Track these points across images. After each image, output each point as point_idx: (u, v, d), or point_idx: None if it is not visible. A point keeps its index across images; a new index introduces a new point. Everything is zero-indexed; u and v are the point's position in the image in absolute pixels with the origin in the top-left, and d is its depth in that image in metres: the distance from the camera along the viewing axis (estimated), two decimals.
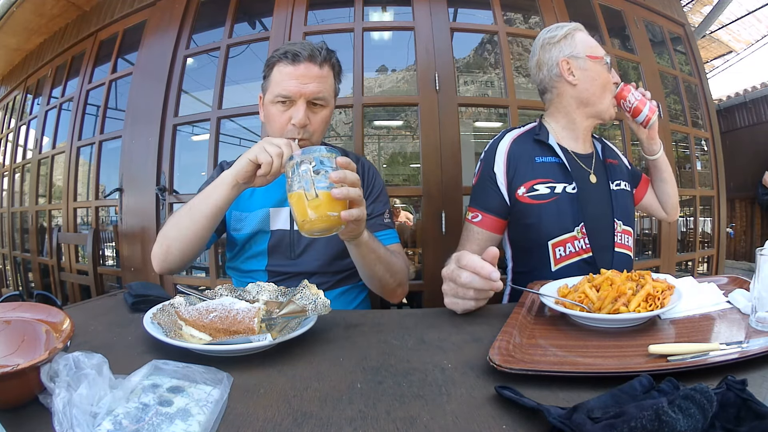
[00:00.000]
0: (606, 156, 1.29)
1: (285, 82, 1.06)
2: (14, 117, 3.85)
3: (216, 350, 0.62)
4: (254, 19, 2.63)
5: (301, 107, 1.05)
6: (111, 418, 0.42)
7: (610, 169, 1.26)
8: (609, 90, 1.22)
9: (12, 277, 3.75)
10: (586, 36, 1.25)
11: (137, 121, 2.48)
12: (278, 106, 1.08)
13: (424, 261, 2.15)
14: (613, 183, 1.25)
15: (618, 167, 1.30)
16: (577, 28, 1.25)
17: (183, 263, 1.04)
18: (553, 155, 1.20)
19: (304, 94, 1.05)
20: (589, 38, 1.25)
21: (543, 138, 1.21)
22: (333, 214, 0.77)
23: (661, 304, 0.71)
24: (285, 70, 1.07)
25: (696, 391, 0.41)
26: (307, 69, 1.06)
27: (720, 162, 2.83)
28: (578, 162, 1.22)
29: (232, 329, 0.65)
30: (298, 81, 1.05)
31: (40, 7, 3.03)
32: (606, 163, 1.27)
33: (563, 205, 1.16)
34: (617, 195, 1.23)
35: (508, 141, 1.23)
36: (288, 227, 1.15)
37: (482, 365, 0.59)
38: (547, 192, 1.17)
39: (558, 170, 1.19)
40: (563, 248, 1.15)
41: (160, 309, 0.74)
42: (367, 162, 1.29)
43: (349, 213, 0.78)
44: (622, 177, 1.29)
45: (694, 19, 4.19)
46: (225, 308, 0.68)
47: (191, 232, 0.98)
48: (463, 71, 3.03)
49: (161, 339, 0.64)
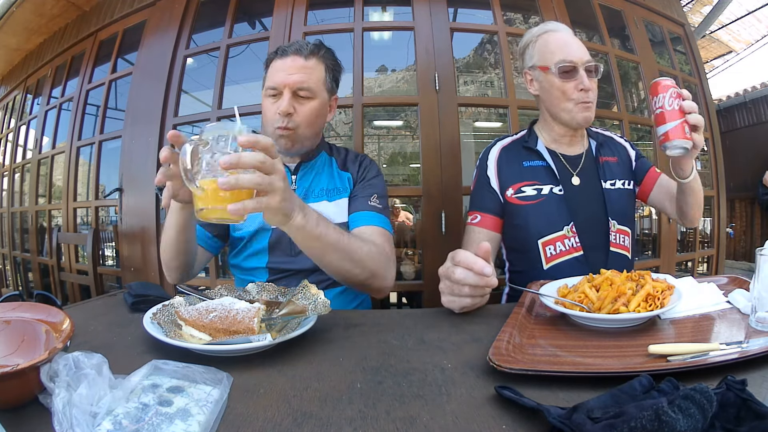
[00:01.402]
0: (601, 154, 1.27)
1: (273, 75, 1.12)
2: (14, 117, 3.84)
3: (216, 350, 0.62)
4: (254, 19, 2.63)
5: (285, 96, 1.10)
6: (111, 418, 0.42)
7: (604, 168, 1.25)
8: (568, 98, 1.17)
9: (12, 277, 3.74)
10: (550, 39, 1.21)
11: (137, 121, 2.48)
12: (269, 99, 1.13)
13: (424, 261, 2.14)
14: (606, 182, 1.23)
15: (616, 165, 1.28)
16: (544, 31, 1.22)
17: (188, 273, 1.07)
18: (541, 159, 1.24)
19: (288, 84, 1.10)
20: (551, 42, 1.20)
21: (531, 145, 1.26)
22: (219, 207, 0.66)
23: (661, 304, 0.71)
24: (275, 65, 1.13)
25: (696, 391, 0.41)
26: (293, 61, 1.12)
27: (720, 162, 2.84)
28: (564, 164, 1.24)
29: (232, 329, 0.65)
30: (285, 72, 1.11)
31: (40, 7, 3.02)
32: (599, 162, 1.25)
33: (550, 205, 1.19)
34: (611, 194, 1.22)
35: (498, 148, 1.29)
36: None
37: (482, 365, 0.59)
38: (534, 193, 1.20)
39: (544, 173, 1.22)
40: (553, 246, 1.17)
41: (160, 309, 0.74)
42: (367, 158, 1.31)
43: (239, 207, 0.65)
44: (621, 175, 1.27)
45: (694, 19, 4.19)
46: (225, 308, 0.67)
47: (176, 250, 0.98)
48: (463, 71, 3.03)
49: (161, 339, 0.64)
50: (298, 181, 1.20)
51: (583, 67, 1.16)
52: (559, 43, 1.19)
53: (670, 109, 0.91)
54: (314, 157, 1.23)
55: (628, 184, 1.28)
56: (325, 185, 1.21)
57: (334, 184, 1.22)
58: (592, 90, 1.17)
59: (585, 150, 1.27)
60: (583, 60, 1.16)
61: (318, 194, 1.20)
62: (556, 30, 1.22)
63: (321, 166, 1.24)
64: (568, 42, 1.19)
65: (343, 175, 1.24)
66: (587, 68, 1.17)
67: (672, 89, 0.92)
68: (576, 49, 1.18)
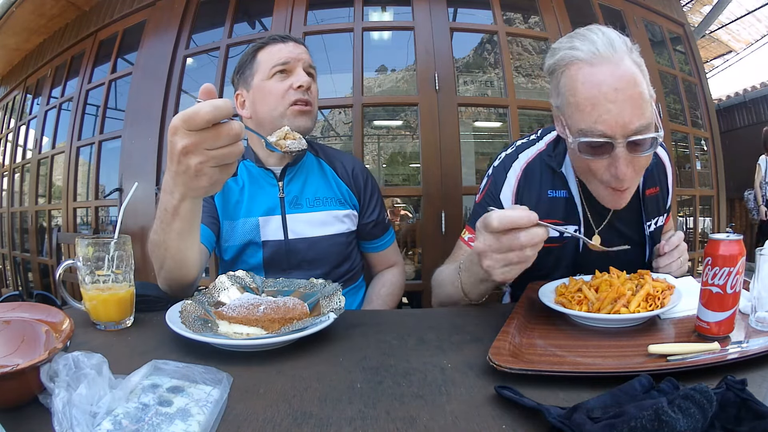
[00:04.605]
0: (647, 186, 0.96)
1: (278, 54, 1.09)
2: (14, 117, 3.84)
3: (286, 340, 0.64)
4: (254, 19, 2.63)
5: (300, 70, 1.08)
6: (111, 418, 0.42)
7: (647, 206, 0.96)
8: (595, 177, 0.83)
9: (12, 277, 3.74)
10: (579, 80, 0.77)
11: (137, 121, 2.48)
12: (276, 78, 1.08)
13: (424, 261, 2.15)
14: (650, 224, 0.96)
15: (657, 198, 0.99)
16: (572, 60, 0.78)
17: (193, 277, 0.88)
18: (565, 189, 0.95)
19: (301, 59, 1.09)
20: (579, 89, 0.77)
21: (555, 165, 0.95)
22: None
23: (661, 304, 0.71)
24: (275, 48, 1.10)
25: (696, 391, 0.41)
26: (294, 47, 1.11)
27: (720, 162, 2.84)
28: (587, 208, 0.95)
29: (288, 317, 0.68)
30: (293, 52, 1.09)
31: (39, 7, 3.02)
32: (645, 196, 0.95)
33: (568, 251, 0.95)
34: (651, 239, 0.96)
35: (521, 164, 0.98)
36: (282, 237, 1.12)
37: (482, 365, 0.59)
38: (556, 235, 0.88)
39: (569, 209, 0.95)
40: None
41: (184, 311, 0.70)
42: (361, 165, 1.27)
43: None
44: (659, 209, 0.99)
45: (693, 19, 4.19)
46: (270, 300, 0.71)
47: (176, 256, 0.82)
48: (462, 71, 3.03)
49: (217, 342, 0.63)
50: (285, 187, 1.13)
51: (624, 141, 0.75)
52: (590, 93, 0.75)
53: (732, 292, 0.62)
54: (301, 158, 1.15)
55: (662, 220, 1.00)
56: (321, 193, 1.16)
57: (332, 193, 1.18)
58: (633, 171, 0.79)
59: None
60: (626, 130, 0.74)
61: (313, 203, 1.15)
62: (591, 60, 0.76)
63: (309, 169, 1.18)
64: (606, 94, 0.74)
65: (341, 186, 1.19)
66: (632, 142, 0.76)
67: (743, 260, 0.62)
68: (617, 110, 0.74)
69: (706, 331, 0.64)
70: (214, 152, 0.61)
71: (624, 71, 0.75)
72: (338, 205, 1.17)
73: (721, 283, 0.62)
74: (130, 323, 0.77)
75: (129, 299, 0.76)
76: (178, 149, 0.60)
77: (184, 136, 0.60)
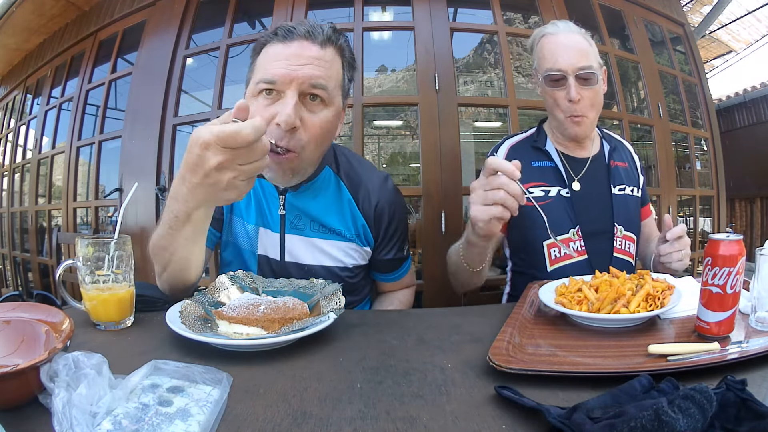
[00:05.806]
0: (614, 158, 1.23)
1: (269, 64, 0.80)
2: (14, 117, 3.84)
3: (287, 340, 0.64)
4: (254, 19, 2.63)
5: (290, 99, 0.78)
6: (111, 418, 0.42)
7: (613, 173, 1.22)
8: (559, 109, 1.14)
9: (12, 277, 3.74)
10: (545, 43, 1.15)
11: (137, 121, 2.48)
12: (260, 99, 0.80)
13: (424, 261, 2.15)
14: (616, 187, 1.20)
15: (626, 171, 1.25)
16: (542, 34, 1.16)
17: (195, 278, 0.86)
18: (549, 159, 1.21)
19: (295, 78, 0.78)
20: (544, 47, 1.15)
21: (540, 144, 1.23)
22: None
23: (661, 304, 0.71)
24: (273, 50, 0.81)
25: (696, 391, 0.41)
26: (301, 48, 0.80)
27: (719, 162, 2.84)
28: (568, 167, 1.20)
29: (288, 317, 0.68)
30: (289, 62, 0.78)
31: (39, 7, 3.02)
32: (610, 166, 1.22)
33: (557, 207, 1.16)
34: (619, 199, 1.20)
35: (506, 147, 1.26)
36: (278, 257, 0.98)
37: (482, 365, 0.59)
38: (542, 195, 1.17)
39: (552, 174, 1.20)
40: (558, 249, 1.15)
41: (184, 311, 0.71)
42: (397, 198, 1.04)
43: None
44: (629, 182, 1.24)
45: (693, 19, 4.18)
46: (270, 300, 0.71)
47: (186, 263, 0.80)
48: (462, 71, 3.03)
49: (217, 342, 0.63)
50: (287, 203, 0.95)
51: (573, 75, 1.09)
52: (551, 47, 1.13)
53: (732, 292, 0.63)
54: (314, 176, 0.95)
55: (636, 192, 1.25)
56: (329, 222, 0.97)
57: (344, 225, 0.98)
58: (584, 100, 1.10)
59: (595, 153, 1.24)
60: (574, 67, 1.09)
61: (317, 229, 0.97)
62: (554, 32, 1.16)
63: (323, 186, 0.97)
64: (561, 46, 1.12)
65: (358, 220, 0.99)
66: (579, 76, 1.09)
67: (743, 260, 0.63)
68: (567, 54, 1.10)
69: (706, 331, 0.64)
70: (246, 167, 0.61)
71: (575, 37, 1.14)
72: (347, 239, 0.99)
73: (721, 283, 0.63)
74: (130, 323, 0.77)
75: (129, 299, 0.76)
76: (211, 165, 0.60)
77: (218, 153, 0.59)
